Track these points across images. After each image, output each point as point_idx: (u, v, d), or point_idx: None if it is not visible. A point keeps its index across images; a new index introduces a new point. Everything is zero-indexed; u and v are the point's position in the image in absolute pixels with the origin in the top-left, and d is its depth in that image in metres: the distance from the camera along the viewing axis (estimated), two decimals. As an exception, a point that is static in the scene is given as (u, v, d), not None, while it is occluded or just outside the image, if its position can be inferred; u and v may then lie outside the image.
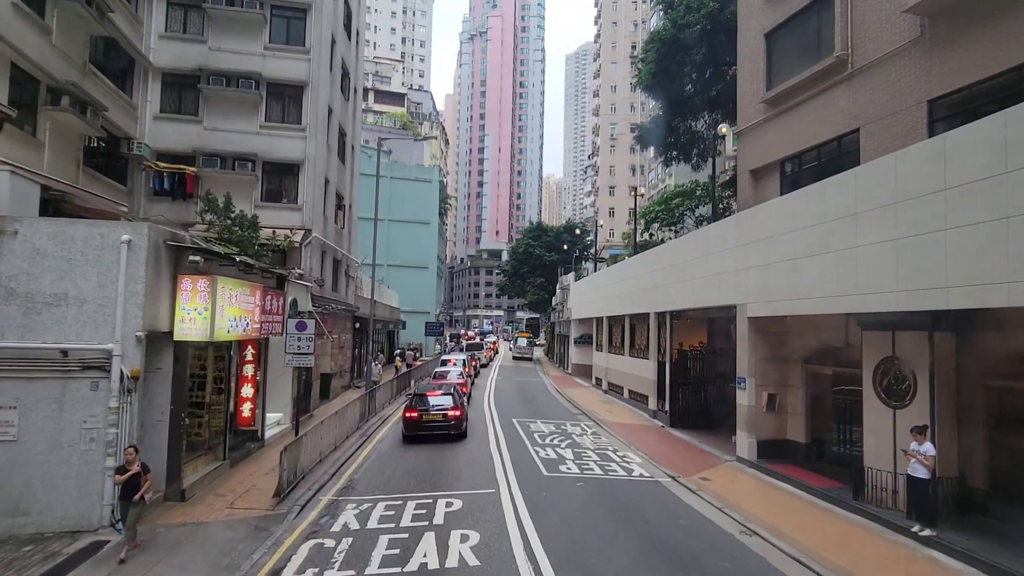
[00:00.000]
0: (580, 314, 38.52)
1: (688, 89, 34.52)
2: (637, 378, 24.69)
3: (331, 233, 24.50)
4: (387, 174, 52.67)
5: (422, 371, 36.59)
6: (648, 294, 23.00)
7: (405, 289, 51.00)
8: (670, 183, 60.31)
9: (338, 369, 26.93)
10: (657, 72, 34.06)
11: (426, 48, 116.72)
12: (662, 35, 33.78)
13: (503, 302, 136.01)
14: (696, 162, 40.75)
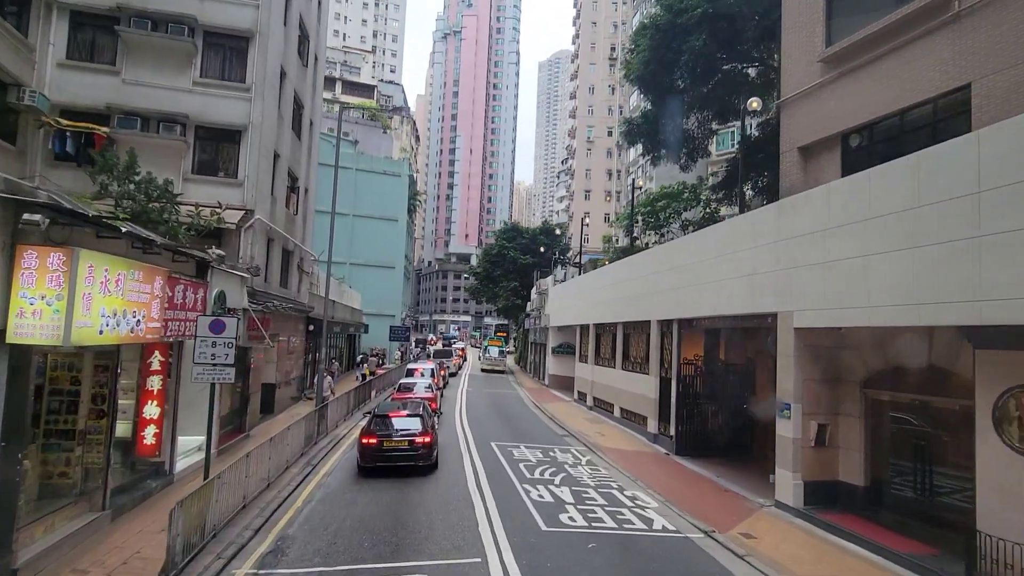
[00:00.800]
0: (560, 321, 35.41)
1: (679, 84, 31.93)
2: (633, 395, 21.63)
3: (281, 218, 20.83)
4: (352, 165, 48.97)
5: (385, 379, 32.93)
6: (649, 299, 19.98)
7: (369, 290, 47.20)
8: (651, 187, 57.96)
9: (285, 378, 23.17)
10: (651, 60, 31.22)
11: (398, 43, 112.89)
12: (657, 20, 30.95)
13: (471, 307, 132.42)
14: (685, 162, 38.26)
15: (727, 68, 30.07)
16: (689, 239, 19.19)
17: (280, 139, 20.04)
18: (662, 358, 19.32)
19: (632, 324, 22.22)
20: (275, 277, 20.36)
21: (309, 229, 25.58)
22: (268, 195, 18.99)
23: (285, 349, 22.43)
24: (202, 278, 12.31)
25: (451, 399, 28.67)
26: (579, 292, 30.73)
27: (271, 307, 18.20)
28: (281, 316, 21.06)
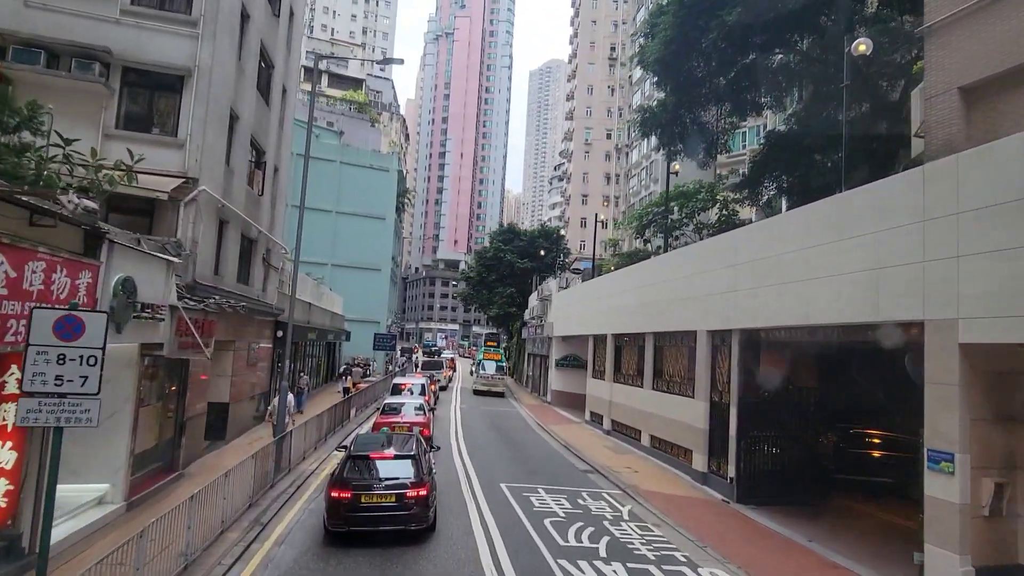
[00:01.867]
0: (566, 330, 31.54)
1: (698, 72, 28.37)
2: (669, 422, 17.75)
3: (240, 197, 16.78)
4: (336, 158, 45.05)
5: (369, 394, 28.79)
6: (695, 305, 16.17)
7: (352, 294, 43.01)
8: (655, 189, 54.59)
9: (247, 394, 19.03)
10: (672, 40, 27.53)
11: (389, 40, 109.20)
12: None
13: (459, 315, 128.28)
14: (703, 158, 34.72)
15: (748, 60, 26.26)
16: (755, 228, 15.38)
17: (240, 97, 16.04)
18: (714, 377, 15.49)
19: (668, 335, 18.40)
20: (230, 270, 16.29)
21: (279, 217, 21.52)
22: (221, 164, 14.95)
23: (246, 359, 18.30)
24: (92, 257, 8.28)
25: (444, 419, 24.62)
26: (591, 297, 26.88)
27: (216, 306, 14.10)
28: (238, 319, 16.97)
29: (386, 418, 17.32)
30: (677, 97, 29.46)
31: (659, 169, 55.06)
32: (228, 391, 16.92)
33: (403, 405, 18.11)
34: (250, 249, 18.48)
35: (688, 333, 16.85)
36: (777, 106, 32.59)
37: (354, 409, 24.70)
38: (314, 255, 42.87)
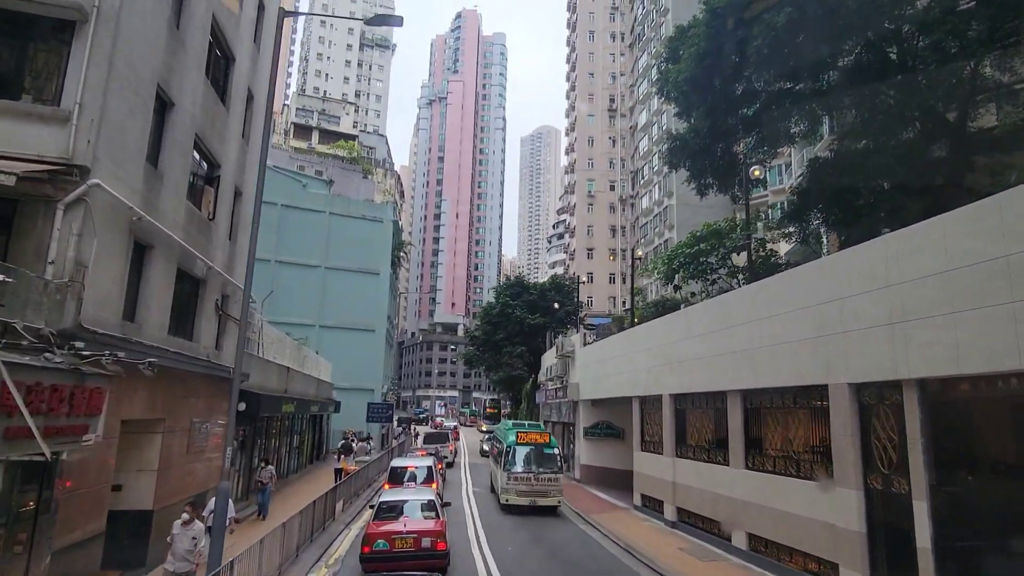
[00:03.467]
0: (596, 392, 26.39)
1: (738, 89, 24.61)
2: (783, 518, 12.45)
3: (176, 216, 12.06)
4: (325, 208, 40.91)
5: (362, 479, 23.24)
6: (829, 347, 11.27)
7: (343, 358, 37.86)
8: (671, 236, 50.63)
9: (186, 497, 13.66)
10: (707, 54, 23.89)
11: (382, 103, 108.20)
12: (714, 3, 23.61)
13: (458, 381, 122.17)
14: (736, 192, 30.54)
15: (793, 76, 22.52)
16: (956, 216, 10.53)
17: (176, 76, 11.59)
18: (868, 452, 10.43)
19: (770, 393, 13.41)
20: (156, 317, 11.36)
21: (242, 253, 16.75)
22: (139, 159, 10.32)
23: (183, 444, 13.10)
24: None
25: (457, 511, 19.04)
26: (632, 351, 21.92)
27: (119, 366, 9.11)
28: (170, 387, 11.93)
29: (382, 525, 12.01)
30: (711, 121, 25.42)
31: (674, 215, 51.31)
32: (152, 493, 11.65)
33: (404, 504, 12.79)
34: (195, 292, 13.62)
35: (810, 389, 11.90)
36: (812, 135, 28.71)
37: (340, 502, 19.17)
38: (299, 315, 38.09)
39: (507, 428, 23.08)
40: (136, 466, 11.60)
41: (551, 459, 20.41)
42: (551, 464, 20.29)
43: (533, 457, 20.26)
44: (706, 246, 31.02)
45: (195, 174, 13.49)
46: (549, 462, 20.29)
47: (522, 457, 20.19)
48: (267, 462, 18.31)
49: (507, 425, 24.73)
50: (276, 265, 38.88)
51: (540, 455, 20.36)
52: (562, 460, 21.60)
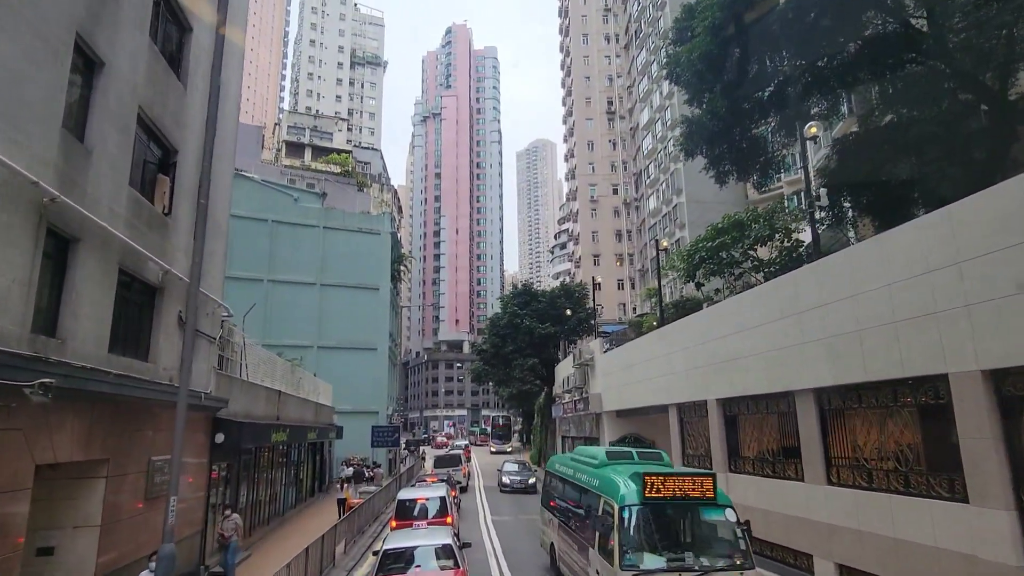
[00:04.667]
0: (621, 402, 23.85)
1: (753, 71, 22.86)
2: (893, 545, 9.87)
3: (115, 205, 9.70)
4: (318, 223, 38.62)
5: (368, 512, 20.66)
6: (948, 326, 8.84)
7: (344, 380, 35.38)
8: (682, 235, 48.28)
9: (142, 555, 11.14)
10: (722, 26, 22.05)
11: (376, 120, 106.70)
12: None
13: (466, 399, 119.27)
14: (756, 179, 28.42)
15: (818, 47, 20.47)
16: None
17: (105, 25, 9.26)
18: (1021, 461, 7.94)
19: (855, 390, 10.91)
20: (89, 330, 8.95)
21: (212, 259, 14.35)
22: (50, 122, 7.98)
23: (139, 490, 10.60)
24: None
25: (477, 546, 16.40)
26: (665, 352, 19.42)
27: (38, 390, 6.70)
28: (115, 418, 9.50)
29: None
30: (730, 101, 23.20)
31: (685, 213, 49.04)
32: (93, 556, 9.13)
33: (415, 551, 10.25)
34: (148, 302, 11.22)
35: (917, 382, 9.42)
36: (833, 114, 26.47)
37: (342, 544, 16.57)
38: (296, 336, 35.74)
39: (593, 463, 12.12)
40: (71, 522, 9.13)
41: (725, 537, 9.55)
42: (728, 550, 9.30)
43: (683, 533, 9.54)
44: (728, 239, 28.59)
45: (144, 160, 11.16)
46: (721, 547, 9.38)
47: (658, 534, 9.15)
48: (231, 509, 14.36)
49: (589, 457, 12.87)
50: (269, 285, 36.60)
51: (700, 529, 9.63)
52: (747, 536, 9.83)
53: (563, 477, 13.66)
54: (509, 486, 29.86)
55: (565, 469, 13.76)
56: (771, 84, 22.60)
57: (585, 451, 13.96)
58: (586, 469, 12.08)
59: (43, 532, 8.97)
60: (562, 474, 13.84)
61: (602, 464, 11.65)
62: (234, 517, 13.59)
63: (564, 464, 14.23)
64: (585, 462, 12.62)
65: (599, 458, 12.07)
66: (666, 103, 51.93)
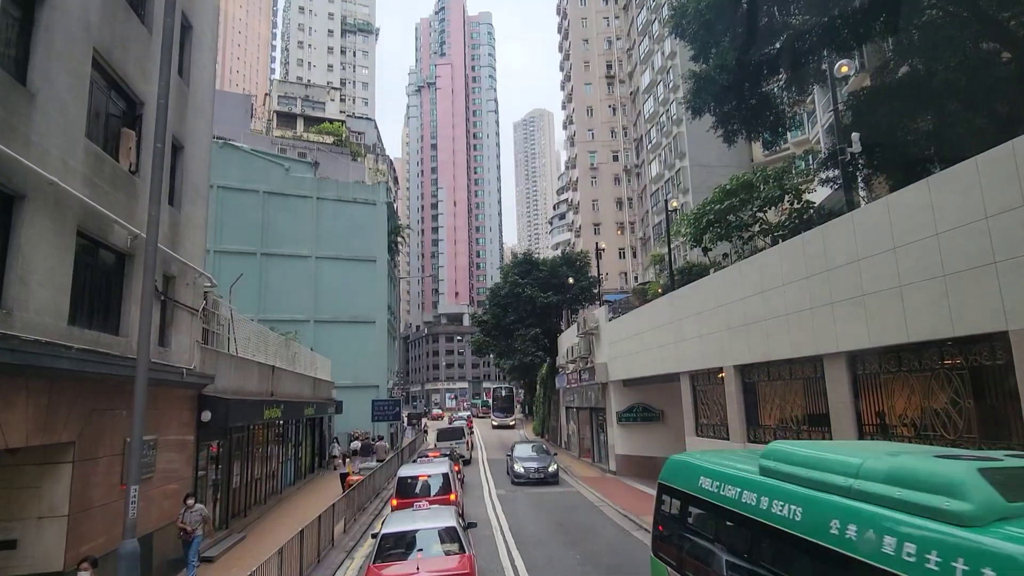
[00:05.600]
0: (630, 371, 23.02)
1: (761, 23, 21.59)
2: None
3: (70, 158, 8.65)
4: (311, 194, 37.39)
5: (369, 488, 19.97)
6: (1014, 276, 7.86)
7: (343, 355, 34.58)
8: (686, 200, 46.97)
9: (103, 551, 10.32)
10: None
11: (369, 91, 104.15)
12: None
13: (467, 372, 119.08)
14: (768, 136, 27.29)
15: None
16: None
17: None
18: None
19: (896, 352, 9.98)
20: (44, 300, 7.95)
21: (191, 230, 13.26)
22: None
23: (112, 474, 9.71)
24: None
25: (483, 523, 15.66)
26: (675, 317, 18.50)
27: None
28: (82, 396, 8.58)
29: (386, 569, 8.67)
30: (740, 53, 21.85)
31: (688, 178, 47.73)
32: (62, 548, 8.29)
33: (416, 534, 9.42)
34: (117, 270, 10.20)
35: (977, 340, 8.47)
36: None
37: (341, 522, 15.85)
38: (291, 310, 34.84)
39: None
40: (35, 512, 8.25)
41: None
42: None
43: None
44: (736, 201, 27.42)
45: (107, 112, 10.03)
46: None
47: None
48: (194, 497, 11.82)
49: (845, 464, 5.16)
50: (262, 258, 35.55)
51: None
52: None
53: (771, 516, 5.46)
54: (524, 476, 22.80)
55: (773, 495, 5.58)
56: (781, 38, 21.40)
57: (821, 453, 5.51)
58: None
59: (3, 524, 8.11)
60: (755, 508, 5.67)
61: None
62: (198, 508, 11.59)
63: (749, 482, 5.94)
64: None
65: None
66: (668, 64, 50.17)
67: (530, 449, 25.06)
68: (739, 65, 21.50)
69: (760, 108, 23.43)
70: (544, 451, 25.10)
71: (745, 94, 22.82)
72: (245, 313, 21.46)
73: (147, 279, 7.72)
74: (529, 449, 25.05)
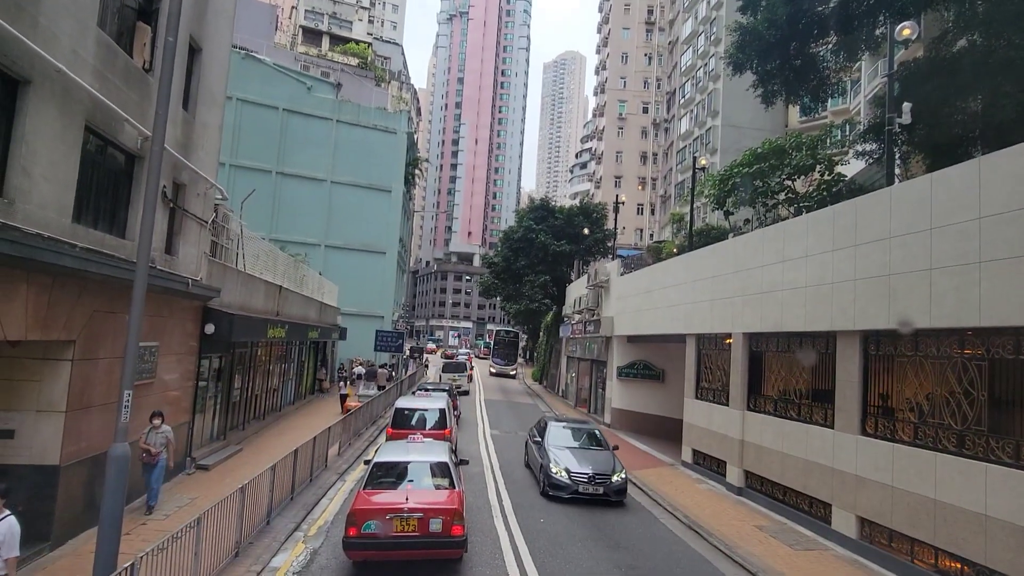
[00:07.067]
0: (635, 328, 22.88)
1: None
2: (930, 506, 8.97)
3: (81, 50, 8.27)
4: (331, 115, 36.67)
5: (366, 415, 20.28)
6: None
7: (351, 282, 34.61)
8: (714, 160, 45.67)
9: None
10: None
11: (399, 14, 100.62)
12: None
13: (472, 312, 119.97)
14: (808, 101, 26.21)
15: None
16: None
17: None
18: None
19: (922, 336, 9.68)
20: (48, 194, 7.75)
21: (205, 137, 12.87)
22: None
23: (110, 376, 9.73)
24: None
25: (475, 461, 15.88)
26: (688, 278, 18.16)
27: None
28: (83, 295, 8.50)
29: (375, 495, 8.72)
30: (792, 7, 20.67)
31: (718, 138, 46.33)
32: (59, 443, 8.38)
33: (408, 466, 9.47)
34: (126, 171, 9.94)
35: (1002, 332, 8.15)
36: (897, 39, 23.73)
37: (336, 445, 16.13)
38: (303, 232, 34.74)
39: None
40: (34, 405, 8.30)
41: None
42: None
43: None
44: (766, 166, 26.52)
45: (121, 3, 9.53)
46: None
47: None
48: (160, 418, 10.50)
49: None
50: (278, 177, 35.18)
51: None
52: None
53: None
54: (569, 488, 12.89)
55: None
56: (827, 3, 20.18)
57: None
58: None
59: (2, 414, 8.17)
60: None
61: None
62: (165, 429, 10.45)
63: None
64: None
65: None
66: (713, 14, 47.84)
67: (572, 436, 14.81)
68: (789, 21, 20.41)
69: (804, 70, 22.42)
70: (597, 439, 14.91)
71: (791, 53, 21.81)
72: (257, 231, 21.29)
73: (151, 179, 7.44)
74: (570, 436, 14.80)
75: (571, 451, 13.94)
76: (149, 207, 7.35)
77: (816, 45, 22.56)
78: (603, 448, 14.59)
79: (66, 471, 8.50)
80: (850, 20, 19.46)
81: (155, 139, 7.67)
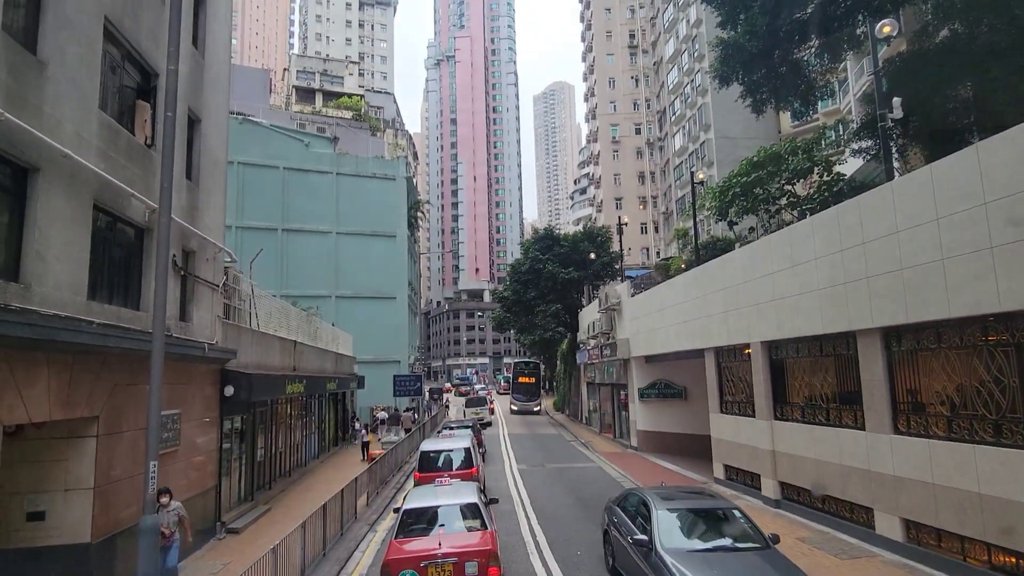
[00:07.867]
0: (652, 347, 22.71)
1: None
2: (976, 501, 8.72)
3: (84, 131, 8.54)
4: (331, 169, 37.30)
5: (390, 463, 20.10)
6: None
7: (363, 330, 34.71)
8: (712, 174, 45.93)
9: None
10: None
11: (388, 64, 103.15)
12: None
13: (488, 348, 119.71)
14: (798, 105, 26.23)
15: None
16: None
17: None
18: None
19: (940, 327, 9.56)
20: (63, 275, 7.91)
21: (210, 205, 13.15)
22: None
23: (136, 449, 9.77)
24: None
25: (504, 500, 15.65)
26: (700, 292, 18.07)
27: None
28: (104, 370, 8.59)
29: (408, 543, 8.59)
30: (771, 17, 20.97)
31: (713, 150, 46.67)
32: (88, 520, 8.38)
33: (438, 510, 9.35)
34: (136, 245, 10.15)
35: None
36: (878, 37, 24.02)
37: (364, 496, 15.98)
38: (313, 286, 35.04)
39: None
40: (61, 485, 8.34)
41: None
42: None
43: None
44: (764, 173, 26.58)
45: (120, 84, 9.88)
46: None
47: None
48: (168, 495, 9.18)
49: None
50: (284, 234, 35.73)
51: None
52: None
53: None
54: None
55: None
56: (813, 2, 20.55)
57: None
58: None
59: (31, 496, 8.21)
60: None
61: None
62: (174, 506, 9.31)
63: None
64: None
65: None
66: (694, 32, 48.71)
67: (698, 525, 8.63)
68: (769, 31, 20.72)
69: (790, 76, 22.67)
70: (743, 529, 8.51)
71: (775, 62, 22.08)
72: (267, 289, 21.55)
73: (161, 251, 7.60)
74: (694, 525, 8.62)
75: (705, 561, 7.55)
76: (161, 277, 7.49)
77: (799, 51, 22.80)
78: (758, 546, 8.15)
79: (97, 548, 8.48)
80: (830, 22, 19.74)
81: (162, 211, 7.85)
